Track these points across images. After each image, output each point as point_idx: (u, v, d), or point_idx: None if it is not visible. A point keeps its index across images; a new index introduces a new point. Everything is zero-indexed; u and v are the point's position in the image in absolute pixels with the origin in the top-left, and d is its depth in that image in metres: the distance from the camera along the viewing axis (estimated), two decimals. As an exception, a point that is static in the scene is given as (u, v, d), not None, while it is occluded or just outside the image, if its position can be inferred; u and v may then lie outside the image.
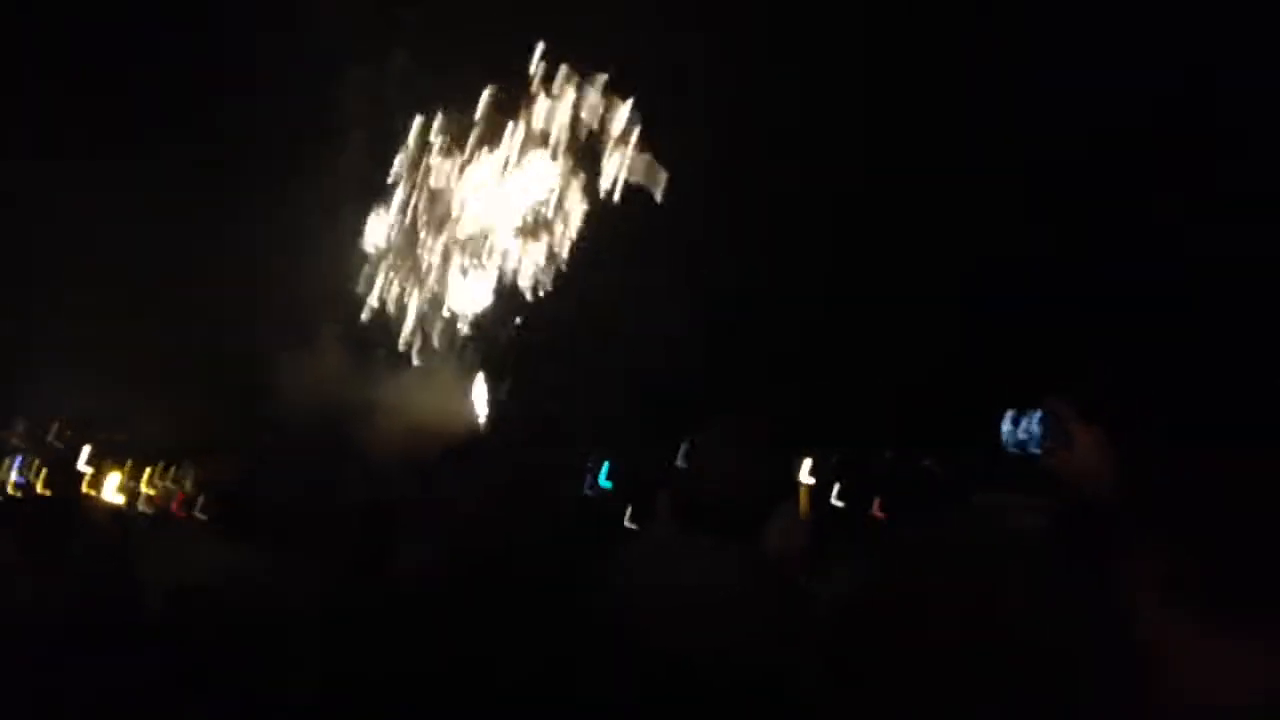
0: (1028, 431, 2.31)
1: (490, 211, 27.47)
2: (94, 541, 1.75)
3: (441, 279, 27.70)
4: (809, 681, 1.74)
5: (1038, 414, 2.29)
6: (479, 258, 28.11)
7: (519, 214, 28.00)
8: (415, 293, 27.57)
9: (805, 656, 1.96)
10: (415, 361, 28.35)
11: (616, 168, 28.16)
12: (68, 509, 1.77)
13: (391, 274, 28.09)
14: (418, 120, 28.44)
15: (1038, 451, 2.26)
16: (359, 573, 2.15)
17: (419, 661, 1.53)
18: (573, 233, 29.51)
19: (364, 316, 28.89)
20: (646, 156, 27.59)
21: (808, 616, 2.30)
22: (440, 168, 28.28)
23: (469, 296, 27.95)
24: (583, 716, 1.50)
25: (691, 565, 2.26)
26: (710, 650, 1.82)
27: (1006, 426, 2.32)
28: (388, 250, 28.17)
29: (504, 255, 27.81)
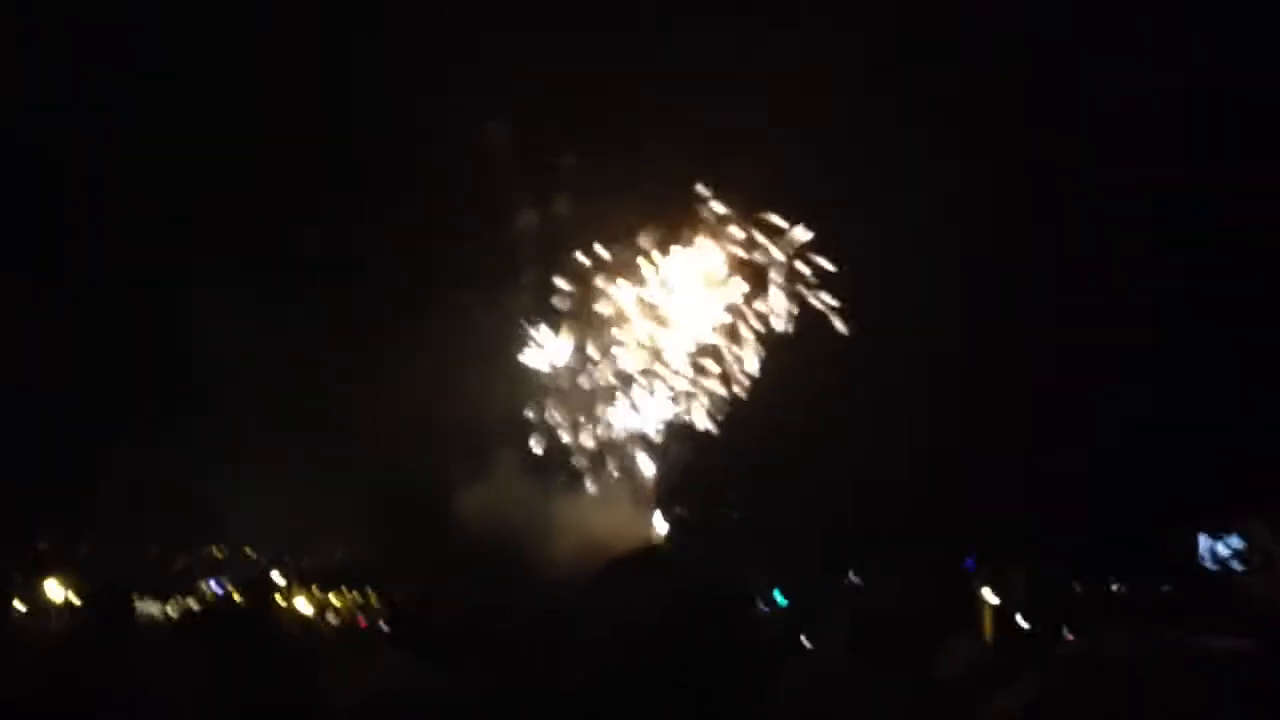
0: (1229, 550, 2.22)
1: (660, 339, 27.86)
2: (284, 652, 1.83)
3: (614, 404, 28.11)
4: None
5: (1236, 535, 2.20)
6: (650, 384, 28.44)
7: (689, 342, 28.30)
8: (588, 417, 28.03)
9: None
10: (590, 485, 28.64)
11: (785, 300, 28.13)
12: (261, 620, 1.84)
13: (564, 398, 28.66)
14: (584, 253, 29.10)
15: (1239, 569, 2.16)
16: (530, 685, 2.19)
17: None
18: (745, 361, 29.53)
19: (538, 440, 29.29)
20: (812, 290, 27.51)
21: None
22: (608, 297, 28.86)
23: (641, 422, 28.25)
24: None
25: (860, 692, 2.24)
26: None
27: (1204, 544, 2.23)
28: (560, 375, 28.81)
29: (675, 382, 28.07)
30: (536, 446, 29.12)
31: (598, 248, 29.18)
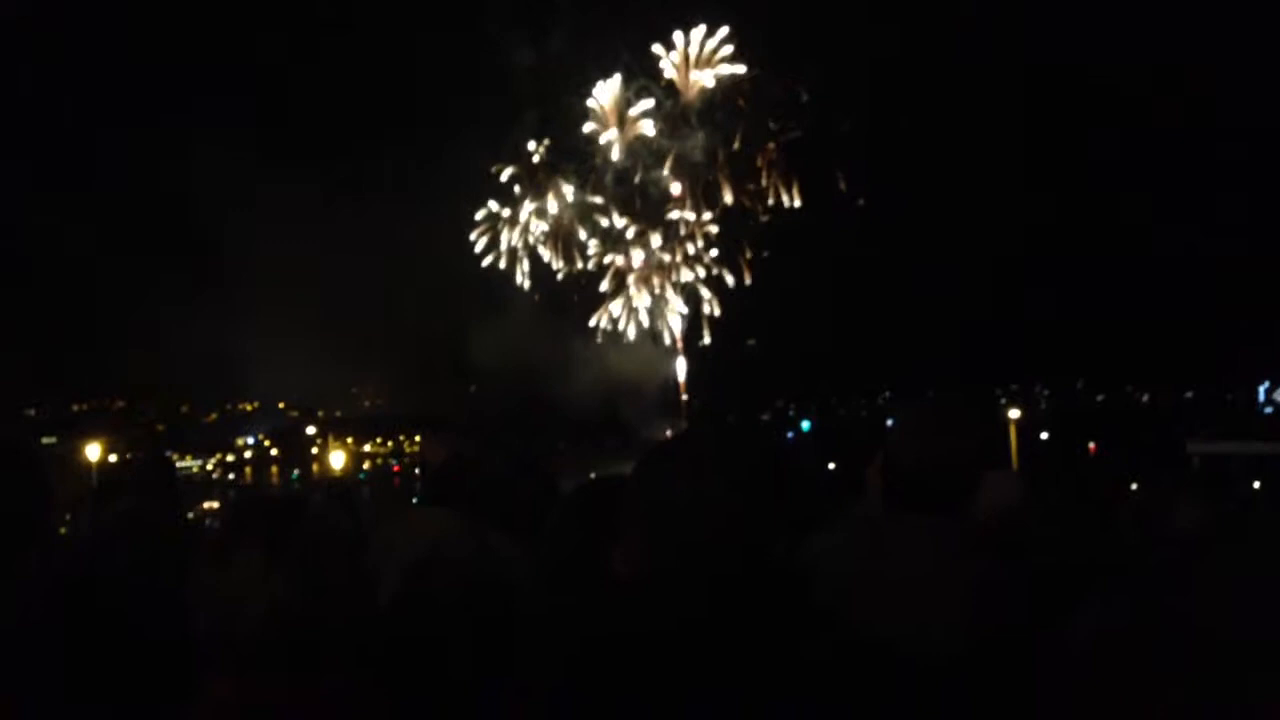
0: None
1: (665, 179, 27.60)
2: (331, 528, 1.84)
3: (627, 248, 28.05)
4: (1009, 672, 1.72)
5: None
6: (660, 224, 28.29)
7: (690, 182, 28.07)
8: (602, 262, 27.95)
9: (1005, 647, 1.92)
10: (607, 325, 28.75)
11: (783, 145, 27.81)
12: (298, 499, 1.85)
13: (576, 247, 28.57)
14: (582, 95, 28.65)
15: None
16: (578, 563, 2.21)
17: (639, 645, 1.57)
18: (762, 200, 29.35)
19: (552, 281, 29.42)
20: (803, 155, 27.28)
21: (1014, 597, 2.27)
22: (614, 141, 28.55)
23: (656, 263, 28.25)
24: (786, 708, 1.51)
25: (897, 550, 2.25)
26: (913, 639, 1.80)
27: (1263, 390, 2.22)
28: (573, 221, 28.71)
29: (684, 223, 27.90)
30: (555, 289, 29.24)
31: (600, 91, 28.62)
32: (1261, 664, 1.29)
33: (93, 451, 31.96)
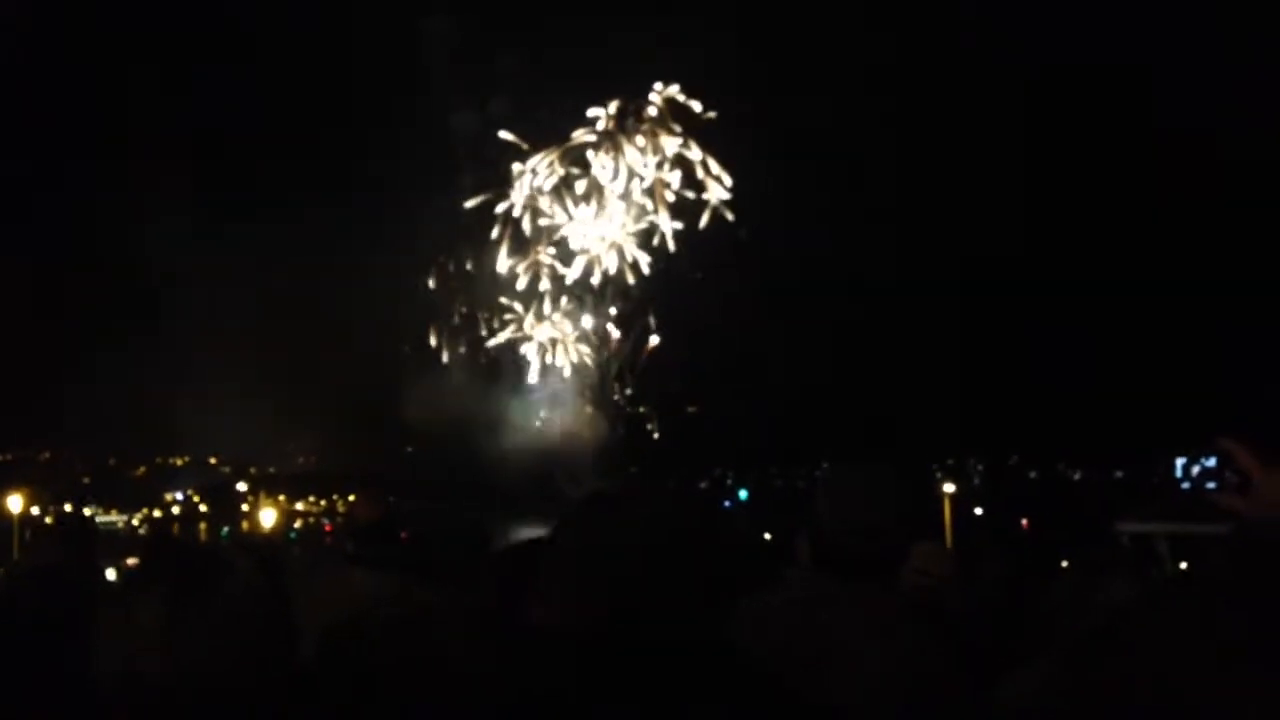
0: (1203, 470, 2.24)
1: (594, 241, 27.78)
2: (247, 586, 1.79)
3: (556, 306, 28.08)
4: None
5: (1213, 456, 2.22)
6: (588, 285, 28.34)
7: (624, 242, 28.26)
8: (533, 321, 27.95)
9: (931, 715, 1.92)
10: (535, 381, 28.63)
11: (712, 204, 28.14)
12: (215, 554, 1.80)
13: (508, 304, 28.53)
14: (524, 163, 28.90)
15: (1214, 488, 2.19)
16: (504, 614, 2.19)
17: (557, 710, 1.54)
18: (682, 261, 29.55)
19: (486, 341, 29.37)
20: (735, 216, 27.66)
21: (941, 666, 2.26)
22: (545, 205, 28.82)
23: (584, 322, 28.27)
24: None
25: (825, 616, 2.24)
26: (841, 705, 1.79)
27: (1180, 464, 2.25)
28: (502, 280, 28.66)
29: (613, 281, 27.99)
30: (486, 350, 29.17)
31: (525, 157, 28.80)
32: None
33: (14, 503, 31.07)
